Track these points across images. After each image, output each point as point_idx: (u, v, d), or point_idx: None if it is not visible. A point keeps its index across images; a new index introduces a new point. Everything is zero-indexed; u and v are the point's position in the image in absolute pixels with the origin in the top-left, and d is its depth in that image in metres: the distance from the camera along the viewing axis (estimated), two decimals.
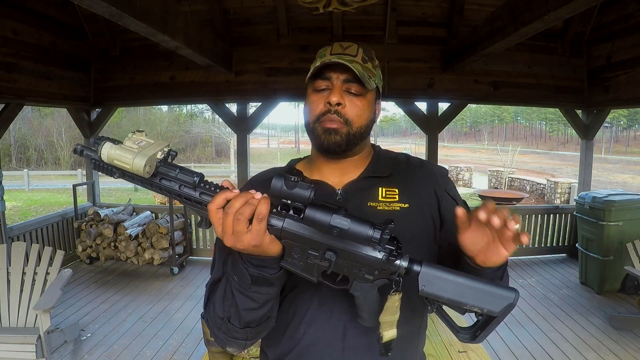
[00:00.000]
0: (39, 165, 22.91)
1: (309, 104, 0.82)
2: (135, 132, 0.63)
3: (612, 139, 45.13)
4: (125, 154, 0.59)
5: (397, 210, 0.80)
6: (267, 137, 49.41)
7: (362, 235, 0.59)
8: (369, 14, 4.21)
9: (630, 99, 3.93)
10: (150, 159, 0.59)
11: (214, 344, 1.59)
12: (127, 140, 0.61)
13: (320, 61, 0.79)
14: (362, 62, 0.80)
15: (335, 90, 0.78)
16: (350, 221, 0.59)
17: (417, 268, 0.62)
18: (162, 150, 0.62)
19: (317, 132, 0.80)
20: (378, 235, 0.58)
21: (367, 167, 0.86)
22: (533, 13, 2.35)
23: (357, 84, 0.78)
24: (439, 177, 0.87)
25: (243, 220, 0.58)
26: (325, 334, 0.76)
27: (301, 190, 0.58)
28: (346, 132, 0.79)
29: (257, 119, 4.73)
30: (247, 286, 0.66)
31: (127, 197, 12.01)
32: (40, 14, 3.87)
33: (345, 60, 0.77)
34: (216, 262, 0.83)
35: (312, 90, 0.82)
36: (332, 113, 0.78)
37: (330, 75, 0.79)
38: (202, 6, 4.19)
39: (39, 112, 23.77)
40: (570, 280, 4.18)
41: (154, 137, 0.63)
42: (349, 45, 0.82)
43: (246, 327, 0.72)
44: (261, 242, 0.60)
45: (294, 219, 0.61)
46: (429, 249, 0.83)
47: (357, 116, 0.80)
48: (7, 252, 2.62)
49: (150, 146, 0.61)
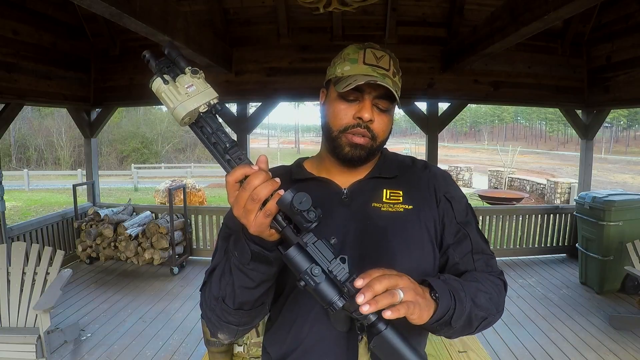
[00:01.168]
0: (39, 165, 22.92)
1: (336, 111, 0.80)
2: (190, 72, 0.60)
3: (612, 139, 45.14)
4: (169, 99, 0.59)
5: (401, 212, 0.81)
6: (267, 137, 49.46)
7: (324, 299, 0.59)
8: (369, 14, 4.21)
9: (630, 99, 3.93)
10: (191, 112, 0.59)
11: (214, 344, 1.59)
12: (180, 79, 0.60)
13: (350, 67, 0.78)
14: (393, 77, 0.79)
15: (367, 106, 0.77)
16: (319, 283, 0.59)
17: (381, 327, 0.60)
18: (208, 103, 0.60)
19: (341, 143, 0.79)
20: (340, 305, 0.58)
21: (373, 168, 0.87)
22: (533, 13, 2.35)
23: (388, 101, 0.78)
24: (440, 180, 0.88)
25: (257, 200, 0.58)
26: (330, 332, 0.76)
27: (302, 220, 0.58)
28: (370, 146, 0.80)
29: (257, 119, 4.73)
30: (246, 261, 0.66)
31: (127, 197, 12.01)
32: (40, 14, 3.87)
33: (379, 74, 0.77)
34: (217, 250, 0.83)
35: (339, 97, 0.80)
36: (362, 127, 0.78)
37: (362, 87, 0.77)
38: (202, 6, 4.19)
39: (39, 112, 23.79)
40: (570, 280, 4.18)
41: (207, 84, 0.61)
42: (382, 55, 0.80)
43: (239, 309, 0.72)
44: (262, 232, 0.61)
45: (292, 232, 0.62)
46: (432, 250, 0.83)
47: (383, 132, 0.81)
48: (7, 252, 2.62)
49: (197, 95, 0.59)
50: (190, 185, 9.91)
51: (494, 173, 16.00)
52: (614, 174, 22.54)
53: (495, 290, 0.79)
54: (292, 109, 57.27)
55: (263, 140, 48.26)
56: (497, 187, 14.79)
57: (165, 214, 4.83)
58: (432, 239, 0.82)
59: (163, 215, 4.90)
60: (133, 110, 25.09)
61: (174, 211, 4.60)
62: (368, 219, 0.80)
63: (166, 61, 0.61)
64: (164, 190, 9.52)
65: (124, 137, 25.56)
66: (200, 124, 0.62)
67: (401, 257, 0.77)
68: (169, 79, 0.60)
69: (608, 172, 23.33)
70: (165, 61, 0.61)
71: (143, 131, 26.34)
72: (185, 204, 4.83)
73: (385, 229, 0.79)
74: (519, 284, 4.11)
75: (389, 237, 0.78)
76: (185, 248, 4.78)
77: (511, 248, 4.95)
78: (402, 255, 0.77)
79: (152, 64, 0.62)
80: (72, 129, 20.93)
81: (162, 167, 21.58)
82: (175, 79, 0.60)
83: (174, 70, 0.61)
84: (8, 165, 21.16)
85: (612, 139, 45.69)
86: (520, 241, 4.96)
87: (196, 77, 0.60)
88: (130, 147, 25.46)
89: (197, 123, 0.62)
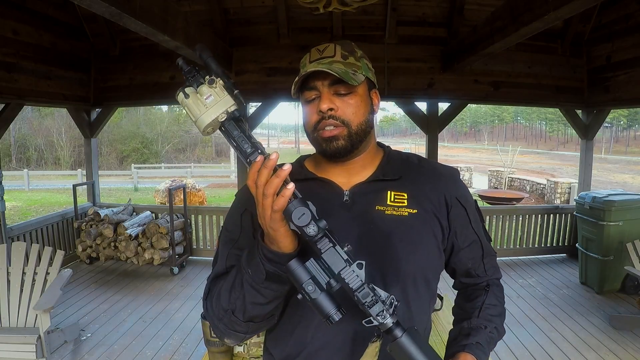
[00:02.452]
0: (39, 165, 22.92)
1: (305, 115, 0.81)
2: (207, 83, 0.62)
3: (612, 139, 45.14)
4: (191, 110, 0.62)
5: (405, 216, 0.79)
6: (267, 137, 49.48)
7: (322, 312, 0.61)
8: (369, 14, 4.21)
9: (630, 99, 3.93)
10: (212, 123, 0.62)
11: (214, 344, 1.59)
12: (201, 89, 0.62)
13: (301, 71, 0.79)
14: (343, 59, 0.78)
15: (324, 97, 0.77)
16: (315, 299, 0.61)
17: (398, 334, 0.63)
18: (226, 111, 0.62)
19: (318, 142, 0.79)
20: (337, 318, 0.61)
21: (376, 169, 0.85)
22: (533, 13, 2.35)
23: (343, 83, 0.77)
24: (450, 182, 0.86)
25: (269, 195, 0.60)
26: (335, 338, 0.76)
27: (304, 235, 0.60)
28: (347, 133, 0.77)
29: (257, 119, 4.73)
30: (260, 281, 0.67)
31: (127, 197, 12.01)
32: (40, 14, 3.87)
33: (324, 63, 0.76)
34: (219, 257, 0.83)
35: (304, 102, 0.81)
36: (326, 119, 0.77)
37: (315, 84, 0.77)
38: (202, 6, 4.19)
39: (39, 112, 23.78)
40: (570, 280, 4.18)
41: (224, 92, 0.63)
42: (325, 46, 0.81)
43: (249, 321, 0.73)
44: (278, 227, 0.62)
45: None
46: (437, 255, 0.83)
47: (353, 114, 0.78)
48: (7, 252, 2.62)
49: (215, 105, 0.62)
50: (190, 185, 9.90)
51: (494, 173, 16.00)
52: (614, 174, 22.53)
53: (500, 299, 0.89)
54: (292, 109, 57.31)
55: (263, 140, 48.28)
56: (497, 187, 14.78)
57: (165, 214, 4.83)
58: (438, 244, 0.82)
59: (163, 215, 4.90)
60: (133, 110, 25.08)
61: (174, 211, 4.60)
62: (371, 223, 0.78)
63: (191, 71, 0.64)
64: (164, 190, 9.52)
65: (124, 137, 25.55)
66: (223, 129, 0.64)
67: (405, 262, 0.76)
68: (190, 91, 0.63)
69: (608, 172, 23.33)
70: (190, 71, 0.64)
71: (143, 131, 26.34)
72: (185, 204, 4.83)
73: (389, 234, 0.77)
74: (519, 284, 4.11)
75: (393, 241, 0.77)
76: (185, 248, 4.78)
77: (511, 248, 4.95)
78: (406, 260, 0.77)
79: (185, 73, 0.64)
80: (72, 129, 20.92)
81: (162, 167, 21.58)
82: (197, 89, 0.63)
83: (198, 80, 0.63)
84: (8, 165, 21.16)
85: (612, 139, 45.68)
86: (520, 241, 4.95)
87: (213, 87, 0.62)
88: (130, 147, 25.46)
89: (221, 128, 0.64)
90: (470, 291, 0.91)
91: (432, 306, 0.87)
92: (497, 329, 0.83)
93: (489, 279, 0.90)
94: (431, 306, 0.86)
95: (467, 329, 0.82)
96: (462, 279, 0.91)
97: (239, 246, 0.80)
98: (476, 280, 0.90)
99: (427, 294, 0.82)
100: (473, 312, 0.85)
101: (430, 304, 0.84)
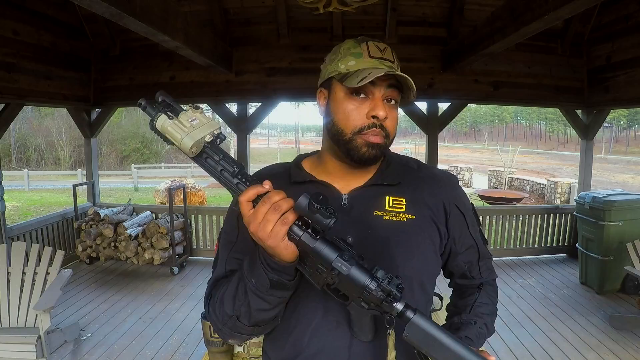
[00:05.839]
0: (39, 165, 22.91)
1: (346, 111, 0.75)
2: (192, 108, 0.64)
3: (612, 139, 45.12)
4: (176, 131, 0.62)
5: (404, 222, 0.78)
6: (267, 137, 49.45)
7: (358, 283, 0.63)
8: (369, 14, 4.21)
9: (630, 99, 3.92)
10: (197, 142, 0.62)
11: (214, 344, 1.59)
12: (183, 115, 0.63)
13: (355, 61, 0.74)
14: (397, 68, 0.76)
15: (380, 103, 0.74)
16: (351, 267, 0.63)
17: (410, 315, 0.63)
18: (212, 133, 0.64)
19: (357, 144, 0.75)
20: (374, 286, 0.62)
21: (375, 174, 0.83)
22: (533, 13, 2.35)
23: (397, 91, 0.75)
24: (449, 188, 0.86)
25: (279, 211, 0.60)
26: (331, 344, 0.76)
27: (322, 217, 0.60)
28: (385, 144, 0.77)
29: (257, 119, 4.73)
30: (264, 289, 0.67)
31: (127, 197, 12.01)
32: (40, 14, 3.86)
33: (387, 66, 0.73)
34: (218, 260, 0.83)
35: (348, 95, 0.75)
36: (377, 127, 0.74)
37: (375, 83, 0.73)
38: (202, 6, 4.19)
39: (39, 112, 23.77)
40: (570, 280, 4.18)
41: (208, 117, 0.65)
42: (385, 47, 0.76)
43: (255, 326, 0.73)
44: (278, 244, 0.61)
45: (310, 236, 0.63)
46: (435, 261, 0.83)
47: (394, 128, 0.77)
48: (7, 252, 2.62)
49: (201, 127, 0.63)
50: (190, 185, 9.91)
51: (494, 173, 16.01)
52: (614, 174, 22.53)
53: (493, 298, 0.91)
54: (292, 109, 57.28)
55: (263, 140, 48.25)
56: (497, 187, 14.79)
57: (165, 214, 4.83)
58: (435, 250, 0.82)
59: (163, 215, 4.90)
60: (133, 110, 25.00)
61: (174, 211, 4.60)
62: (369, 228, 0.78)
63: (164, 103, 0.64)
64: (164, 190, 9.52)
65: (124, 137, 25.53)
66: (204, 156, 0.64)
67: (403, 267, 0.76)
68: (173, 115, 0.63)
69: (608, 172, 23.33)
70: (163, 103, 0.64)
71: (143, 131, 26.29)
72: (185, 204, 4.83)
73: (386, 239, 0.77)
74: (519, 284, 4.11)
75: (390, 247, 0.77)
76: (185, 248, 4.78)
77: (511, 248, 4.95)
78: (403, 265, 0.77)
79: (149, 109, 0.65)
80: (72, 129, 20.90)
81: (162, 167, 21.56)
82: (178, 116, 0.63)
83: (173, 111, 0.64)
84: (8, 165, 21.14)
85: (612, 139, 45.66)
86: (520, 241, 4.95)
87: (198, 111, 0.64)
88: (130, 147, 25.44)
89: (202, 155, 0.64)
90: (464, 289, 0.93)
91: (429, 309, 0.88)
92: (487, 326, 0.85)
93: (483, 280, 0.92)
94: (427, 309, 0.86)
95: (458, 323, 0.84)
96: (458, 280, 0.93)
97: (237, 249, 0.80)
98: (471, 282, 0.91)
99: (424, 297, 0.82)
100: (465, 309, 0.87)
101: (426, 307, 0.85)
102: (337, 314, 0.75)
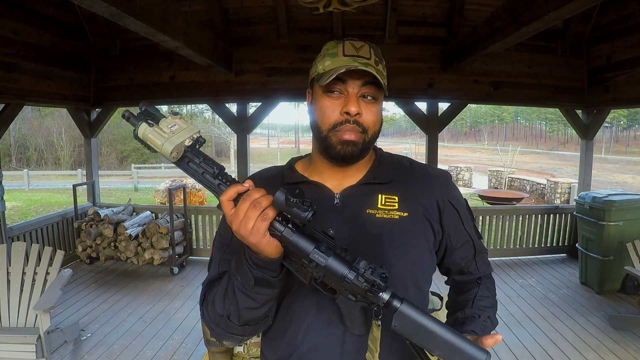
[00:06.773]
0: (39, 165, 22.91)
1: (322, 108, 0.77)
2: (171, 114, 0.66)
3: (612, 139, 45.12)
4: (156, 138, 0.63)
5: (396, 219, 0.79)
6: (267, 137, 49.42)
7: (336, 274, 0.63)
8: (369, 14, 4.21)
9: (630, 99, 3.93)
10: (177, 146, 0.63)
11: (214, 344, 1.59)
12: (163, 122, 0.65)
13: (331, 61, 0.76)
14: (375, 65, 0.76)
15: (353, 99, 0.75)
16: (328, 259, 0.63)
17: (397, 304, 0.63)
18: (192, 137, 0.65)
19: (332, 142, 0.77)
20: (352, 276, 0.62)
21: (367, 172, 0.84)
22: (533, 13, 2.35)
23: (374, 87, 0.76)
24: (442, 185, 0.86)
25: (259, 207, 0.61)
26: (325, 341, 0.76)
27: (299, 211, 0.61)
28: (362, 140, 0.77)
29: (257, 119, 4.73)
30: (250, 287, 0.68)
31: (127, 197, 12.01)
32: (40, 14, 3.87)
33: (361, 63, 0.74)
34: (212, 262, 0.84)
35: (324, 94, 0.77)
36: (350, 123, 0.75)
37: (346, 81, 0.75)
38: (202, 6, 4.19)
39: (39, 112, 23.77)
40: (570, 280, 4.18)
41: (188, 122, 0.67)
42: (362, 45, 0.77)
43: (245, 325, 0.74)
44: (260, 240, 0.62)
45: (291, 231, 0.64)
46: (429, 258, 0.83)
47: (373, 123, 0.77)
48: (7, 252, 2.62)
49: (181, 132, 0.64)
50: (190, 185, 9.90)
51: (494, 173, 16.01)
52: (614, 174, 22.54)
53: (492, 291, 0.91)
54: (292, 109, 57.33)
55: (263, 140, 48.22)
56: (497, 187, 14.79)
57: (165, 214, 4.83)
58: (429, 247, 0.82)
59: (163, 215, 4.90)
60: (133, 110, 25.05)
61: (174, 211, 4.60)
62: (362, 226, 0.78)
63: (145, 112, 0.66)
64: (164, 190, 9.52)
65: (124, 137, 25.50)
66: (186, 160, 0.66)
67: (396, 265, 0.76)
68: (153, 123, 0.65)
69: (608, 172, 23.34)
70: (144, 112, 0.66)
71: None
72: (185, 204, 4.83)
73: (379, 237, 0.77)
74: (519, 284, 4.11)
75: (383, 244, 0.77)
76: (185, 248, 4.78)
77: (511, 248, 4.95)
78: (397, 262, 0.77)
79: (132, 119, 0.66)
80: (72, 129, 20.91)
81: (162, 167, 21.53)
82: (159, 123, 0.65)
83: (154, 119, 0.66)
84: (8, 165, 21.15)
85: (612, 139, 45.66)
86: (520, 241, 4.95)
87: (177, 117, 0.66)
88: (130, 147, 25.41)
89: (183, 159, 0.66)
90: (462, 285, 0.93)
91: (425, 307, 0.88)
92: (490, 319, 0.85)
93: (481, 274, 0.92)
94: (423, 307, 0.87)
95: (462, 318, 0.84)
96: (456, 277, 0.93)
97: (230, 251, 0.81)
98: (469, 277, 0.92)
99: (419, 296, 0.83)
100: (467, 304, 0.87)
101: (422, 305, 0.85)
102: (329, 311, 0.75)
